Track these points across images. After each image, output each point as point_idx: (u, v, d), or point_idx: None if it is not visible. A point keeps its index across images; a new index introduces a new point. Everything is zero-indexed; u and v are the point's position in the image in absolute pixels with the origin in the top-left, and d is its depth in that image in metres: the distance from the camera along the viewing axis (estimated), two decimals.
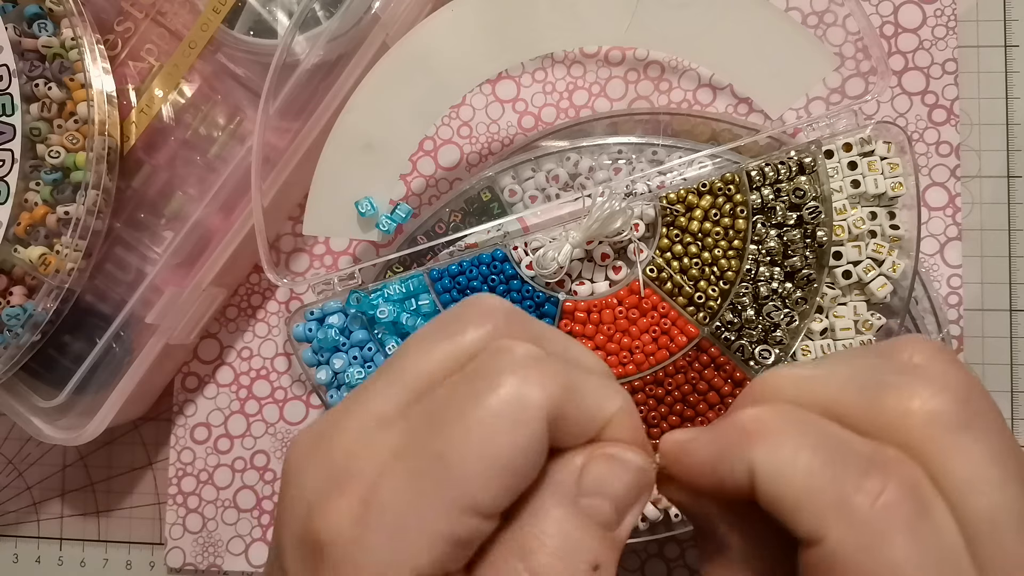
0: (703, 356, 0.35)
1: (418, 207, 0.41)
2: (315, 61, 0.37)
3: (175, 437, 0.42)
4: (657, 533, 0.36)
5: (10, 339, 0.36)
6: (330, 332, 0.36)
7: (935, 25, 0.40)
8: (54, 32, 0.36)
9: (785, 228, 0.34)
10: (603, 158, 0.38)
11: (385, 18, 0.37)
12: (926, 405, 0.18)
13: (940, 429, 0.17)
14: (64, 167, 0.36)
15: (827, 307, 0.35)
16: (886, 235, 0.35)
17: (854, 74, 0.40)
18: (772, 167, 0.34)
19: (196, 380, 0.42)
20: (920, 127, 0.40)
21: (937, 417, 0.18)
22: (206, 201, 0.38)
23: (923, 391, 0.18)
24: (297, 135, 0.36)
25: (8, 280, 0.37)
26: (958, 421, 0.18)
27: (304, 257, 0.42)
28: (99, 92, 0.36)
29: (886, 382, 0.19)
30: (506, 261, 0.35)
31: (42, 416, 0.38)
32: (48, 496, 0.44)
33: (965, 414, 0.18)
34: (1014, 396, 0.39)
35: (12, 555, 0.44)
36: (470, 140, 0.42)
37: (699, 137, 0.39)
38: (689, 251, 0.35)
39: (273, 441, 0.42)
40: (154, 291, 0.37)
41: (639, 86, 0.41)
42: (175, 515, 0.42)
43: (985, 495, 0.17)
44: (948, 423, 0.18)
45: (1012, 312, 0.40)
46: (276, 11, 0.38)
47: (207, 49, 0.38)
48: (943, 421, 0.18)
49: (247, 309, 0.43)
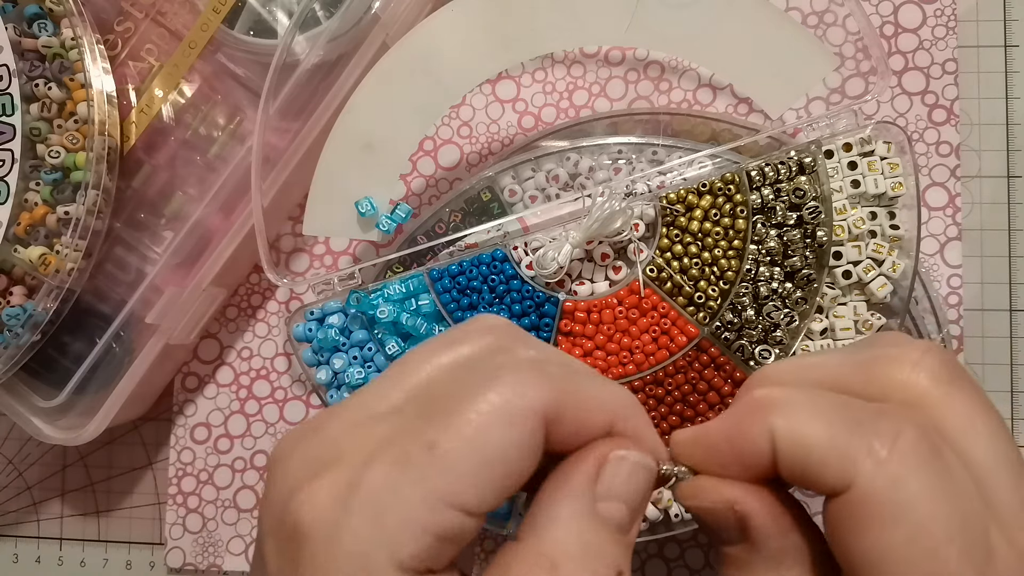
0: (703, 356, 0.35)
1: (418, 207, 0.41)
2: (315, 61, 0.37)
3: (175, 437, 0.42)
4: (657, 533, 0.36)
5: (10, 339, 0.36)
6: (330, 332, 0.36)
7: (935, 25, 0.40)
8: (54, 32, 0.36)
9: (785, 228, 0.34)
10: (603, 158, 0.38)
11: (385, 18, 0.37)
12: (918, 364, 0.19)
13: (934, 384, 0.19)
14: (64, 167, 0.36)
15: (827, 307, 0.35)
16: (886, 235, 0.35)
17: (854, 74, 0.40)
18: (772, 167, 0.34)
19: (196, 380, 0.42)
20: (920, 127, 0.40)
21: (930, 374, 0.19)
22: (206, 201, 0.38)
23: (912, 354, 0.20)
24: (297, 135, 0.36)
25: (8, 280, 0.37)
26: (948, 376, 0.19)
27: (304, 257, 0.42)
28: (99, 92, 0.36)
29: (877, 355, 0.20)
30: (506, 261, 0.35)
31: (42, 416, 0.38)
32: (48, 496, 0.44)
33: (951, 371, 0.20)
34: (1014, 396, 0.39)
35: (12, 555, 0.44)
36: (470, 140, 0.42)
37: (699, 137, 0.39)
38: (689, 251, 0.35)
39: (273, 441, 0.42)
40: (154, 291, 0.37)
41: (639, 86, 0.41)
42: (175, 515, 0.42)
43: (981, 443, 0.19)
44: (940, 379, 0.19)
45: (1012, 312, 0.40)
46: (276, 11, 0.38)
47: (207, 49, 0.38)
48: (935, 377, 0.19)
49: (247, 309, 0.43)
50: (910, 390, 0.19)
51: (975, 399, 0.19)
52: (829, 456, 0.18)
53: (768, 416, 0.19)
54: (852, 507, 0.18)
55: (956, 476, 0.18)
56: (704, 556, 0.40)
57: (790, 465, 0.19)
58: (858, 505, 0.18)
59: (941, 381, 0.19)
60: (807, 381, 0.21)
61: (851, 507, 0.18)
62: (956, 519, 0.17)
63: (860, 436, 0.18)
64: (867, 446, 0.18)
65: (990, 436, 0.19)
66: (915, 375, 0.19)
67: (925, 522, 0.17)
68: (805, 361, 0.21)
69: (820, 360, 0.21)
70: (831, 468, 0.18)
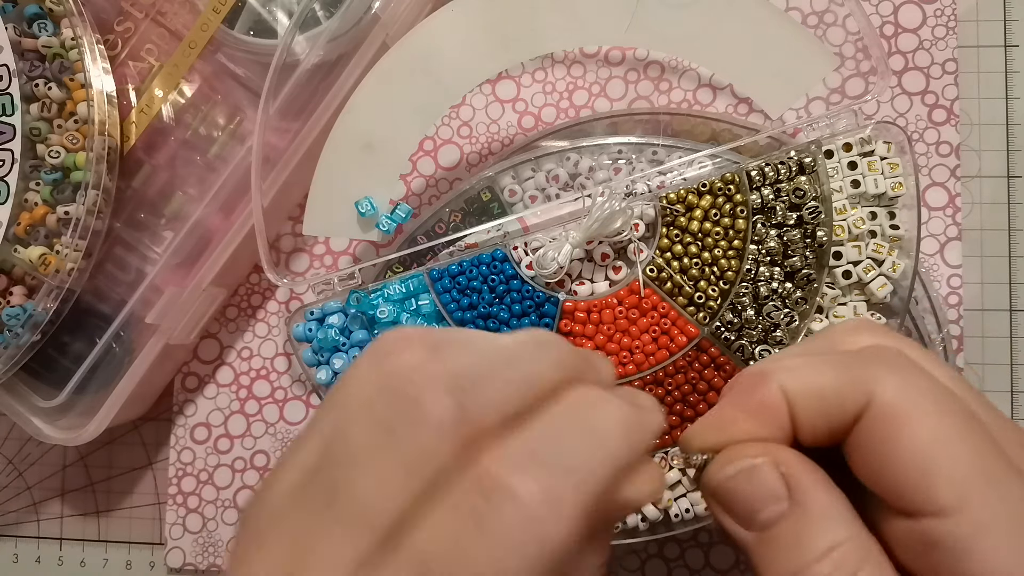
0: (703, 356, 0.35)
1: (418, 207, 0.41)
2: (315, 61, 0.37)
3: (175, 437, 0.42)
4: (657, 533, 0.36)
5: (10, 339, 0.36)
6: (330, 332, 0.36)
7: (935, 25, 0.40)
8: (54, 32, 0.36)
9: (785, 228, 0.34)
10: (603, 158, 0.38)
11: (385, 18, 0.37)
12: (856, 328, 0.22)
13: (880, 336, 0.21)
14: (64, 167, 0.36)
15: (827, 307, 0.35)
16: (886, 235, 0.35)
17: (854, 74, 0.40)
18: (772, 167, 0.34)
19: (196, 380, 0.42)
20: (920, 127, 0.40)
21: (870, 333, 0.22)
22: (206, 201, 0.38)
23: (847, 324, 0.22)
24: (297, 135, 0.36)
25: (8, 280, 0.37)
26: (882, 331, 0.22)
27: (304, 257, 0.42)
28: (99, 92, 0.36)
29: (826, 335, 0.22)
30: (506, 261, 0.35)
31: (42, 416, 0.38)
32: (48, 496, 0.44)
33: (885, 330, 0.22)
34: (1014, 396, 0.39)
35: (12, 555, 0.44)
36: (470, 140, 0.42)
37: (699, 137, 0.39)
38: (689, 251, 0.35)
39: (273, 441, 0.42)
40: (154, 291, 0.37)
41: (639, 86, 0.41)
42: (175, 515, 0.42)
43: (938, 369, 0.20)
44: (879, 333, 0.22)
45: (1012, 312, 0.40)
46: (276, 11, 0.38)
47: (207, 49, 0.38)
48: (875, 333, 0.22)
49: (247, 309, 0.43)
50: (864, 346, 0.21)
51: (912, 347, 0.21)
52: (842, 387, 0.19)
53: (774, 380, 0.20)
54: (874, 422, 0.19)
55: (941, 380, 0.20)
56: (704, 556, 0.40)
57: (809, 413, 0.20)
58: (879, 417, 0.19)
59: (880, 335, 0.21)
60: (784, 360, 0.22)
61: (873, 422, 0.19)
62: (971, 403, 0.19)
63: (860, 366, 0.19)
64: (870, 370, 0.19)
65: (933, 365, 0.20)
66: (858, 336, 0.21)
67: (944, 408, 0.18)
68: (771, 357, 0.23)
69: (784, 351, 0.23)
70: (847, 396, 0.19)
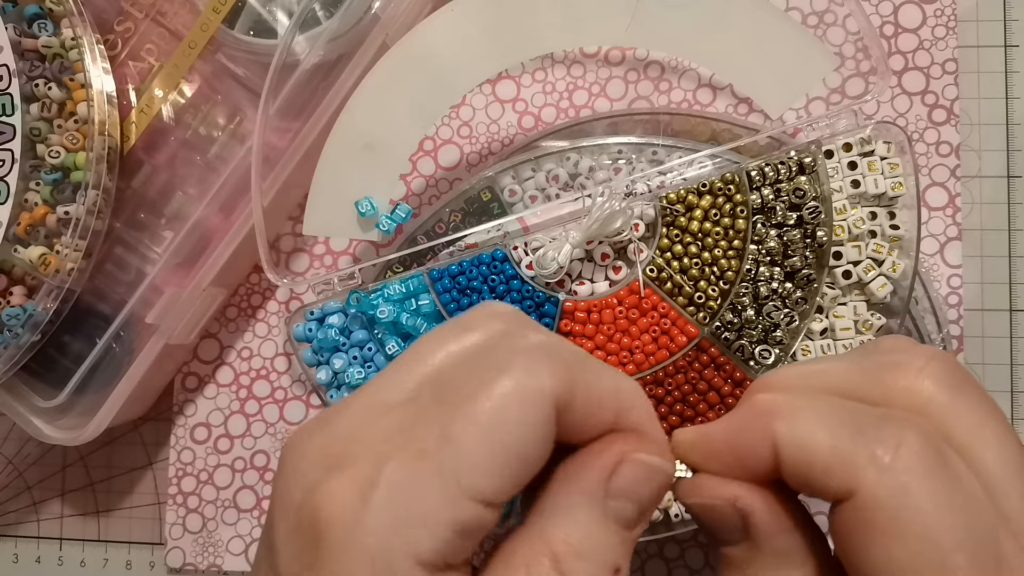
0: (703, 356, 0.35)
1: (418, 207, 0.41)
2: (315, 61, 0.37)
3: (175, 437, 0.42)
4: (657, 533, 0.36)
5: (10, 339, 0.36)
6: (330, 332, 0.36)
7: (935, 25, 0.40)
8: (54, 32, 0.36)
9: (785, 228, 0.34)
10: (603, 158, 0.38)
11: (385, 18, 0.37)
12: (923, 370, 0.19)
13: (939, 389, 0.19)
14: (64, 167, 0.36)
15: (827, 307, 0.35)
16: (886, 235, 0.35)
17: (854, 74, 0.40)
18: (772, 167, 0.34)
19: (196, 380, 0.42)
20: (920, 127, 0.40)
21: (935, 380, 0.19)
22: (206, 201, 0.38)
23: (917, 360, 0.20)
24: (297, 135, 0.36)
25: (8, 280, 0.37)
26: (954, 382, 0.19)
27: (304, 257, 0.42)
28: (99, 92, 0.36)
29: (882, 361, 0.20)
30: (506, 261, 0.35)
31: (42, 416, 0.38)
32: (48, 496, 0.44)
33: (957, 377, 0.19)
34: (1014, 396, 0.39)
35: (12, 555, 0.44)
36: (470, 140, 0.42)
37: (699, 137, 0.39)
38: (689, 251, 0.35)
39: (273, 441, 0.42)
40: (154, 291, 0.37)
41: (639, 86, 0.41)
42: (175, 515, 0.42)
43: (990, 450, 0.18)
44: (945, 384, 0.19)
45: (1012, 312, 0.40)
46: (276, 11, 0.38)
47: (207, 49, 0.38)
48: (941, 383, 0.19)
49: (247, 309, 0.43)
50: (915, 396, 0.19)
51: (982, 405, 0.19)
52: (832, 462, 0.18)
53: (771, 421, 0.19)
54: (856, 515, 0.17)
55: (963, 483, 0.18)
56: (704, 556, 0.40)
57: (793, 471, 0.19)
58: (862, 513, 0.17)
59: (947, 387, 0.19)
60: (811, 387, 0.20)
61: (856, 515, 0.18)
62: (963, 527, 0.17)
63: (863, 443, 0.18)
64: (870, 453, 0.17)
65: (999, 442, 0.18)
66: (920, 381, 0.19)
67: (931, 531, 0.17)
68: (809, 367, 0.21)
69: (824, 367, 0.21)
70: (834, 475, 0.18)
